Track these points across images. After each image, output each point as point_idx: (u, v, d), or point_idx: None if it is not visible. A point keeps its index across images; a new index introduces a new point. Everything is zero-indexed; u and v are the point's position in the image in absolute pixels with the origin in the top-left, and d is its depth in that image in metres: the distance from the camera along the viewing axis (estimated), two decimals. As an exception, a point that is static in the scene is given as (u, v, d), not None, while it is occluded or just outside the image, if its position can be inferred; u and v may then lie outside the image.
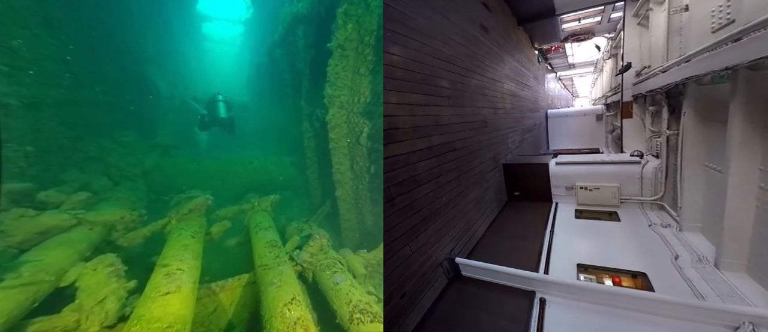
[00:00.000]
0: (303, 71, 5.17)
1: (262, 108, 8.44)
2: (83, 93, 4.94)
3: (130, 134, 5.59)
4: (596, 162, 5.55)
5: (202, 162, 5.85)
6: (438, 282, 3.48)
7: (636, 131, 6.45)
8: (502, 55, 6.56)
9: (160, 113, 7.16)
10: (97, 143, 5.00)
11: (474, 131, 4.58)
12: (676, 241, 3.93)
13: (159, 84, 7.22)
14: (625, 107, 6.59)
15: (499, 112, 5.97)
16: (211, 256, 3.81)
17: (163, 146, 6.05)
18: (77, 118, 4.79)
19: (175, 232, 3.41)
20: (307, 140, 5.29)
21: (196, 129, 7.54)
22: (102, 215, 3.51)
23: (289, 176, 6.15)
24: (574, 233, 4.67)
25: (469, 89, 4.49)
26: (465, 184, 4.22)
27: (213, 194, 4.44)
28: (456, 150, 3.87)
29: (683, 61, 3.54)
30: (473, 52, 4.76)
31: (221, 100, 7.28)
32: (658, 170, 4.84)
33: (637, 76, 6.20)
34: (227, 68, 12.69)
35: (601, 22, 8.81)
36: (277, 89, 7.12)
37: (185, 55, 9.74)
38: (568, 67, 16.97)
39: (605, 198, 5.42)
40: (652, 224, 4.52)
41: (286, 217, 4.89)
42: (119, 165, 5.03)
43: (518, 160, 6.30)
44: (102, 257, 2.84)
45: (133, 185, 4.91)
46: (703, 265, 3.28)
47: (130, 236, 3.55)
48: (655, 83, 4.55)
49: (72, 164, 4.59)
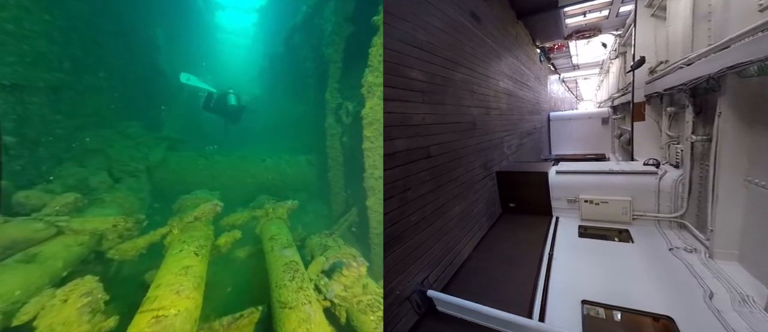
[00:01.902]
0: (330, 57, 4.38)
1: (275, 102, 7.82)
2: (85, 79, 4.36)
3: (135, 125, 4.98)
4: (603, 172, 4.79)
5: (211, 158, 5.20)
6: (404, 320, 2.78)
7: (649, 135, 5.68)
8: (498, 49, 5.84)
9: (168, 104, 6.60)
10: (98, 134, 4.45)
11: (458, 134, 3.86)
12: (706, 272, 3.17)
13: (168, 74, 6.67)
14: (637, 109, 5.83)
15: (492, 112, 5.24)
16: (217, 267, 3.22)
17: (171, 140, 5.40)
18: (77, 106, 4.23)
19: (175, 246, 2.70)
20: (331, 137, 4.47)
21: (202, 109, 7.09)
22: (91, 222, 2.88)
23: (305, 177, 5.46)
24: (578, 257, 3.92)
25: (453, 85, 3.77)
26: (445, 197, 3.50)
27: (221, 195, 4.05)
28: (431, 157, 3.15)
29: (719, 48, 2.80)
30: (459, 42, 4.05)
31: (231, 92, 7.08)
32: (679, 182, 4.07)
33: (651, 74, 5.45)
34: (238, 61, 11.88)
35: (609, 16, 8.07)
36: (293, 81, 6.46)
37: (197, 44, 9.11)
38: (572, 69, 16.19)
39: (614, 214, 4.66)
40: (673, 248, 3.75)
41: (303, 225, 4.19)
42: (122, 159, 4.46)
43: (514, 167, 5.55)
44: (78, 282, 2.16)
45: (135, 182, 4.36)
46: (750, 309, 2.52)
47: (123, 248, 2.87)
48: (676, 80, 3.80)
49: (69, 157, 4.05)
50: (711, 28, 3.41)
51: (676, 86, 3.77)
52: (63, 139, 4.02)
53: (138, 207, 3.92)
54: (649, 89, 5.27)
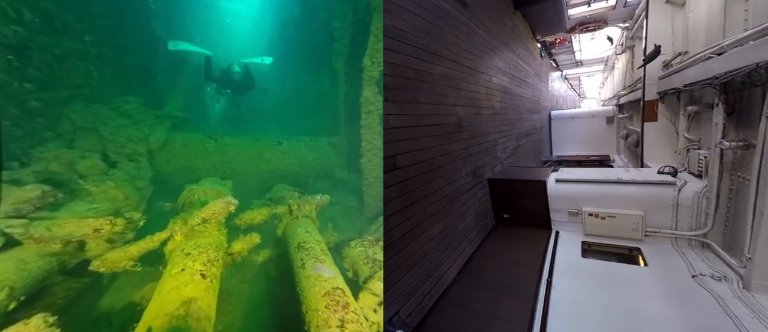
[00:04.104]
0: (372, 6, 3.48)
1: (289, 77, 7.01)
2: (66, 42, 3.69)
3: (133, 101, 4.34)
4: (611, 181, 4.15)
5: (220, 140, 4.55)
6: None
7: (662, 138, 5.02)
8: (491, 41, 5.19)
9: (170, 78, 5.91)
10: (89, 110, 3.83)
11: (438, 138, 3.23)
12: (743, 309, 2.54)
13: (168, 43, 6.01)
14: (648, 108, 5.17)
15: (483, 112, 4.61)
16: (228, 283, 2.71)
17: (174, 118, 4.74)
18: (57, 74, 3.61)
19: (176, 261, 2.05)
20: (367, 114, 3.68)
21: (204, 79, 6.53)
22: (63, 226, 2.27)
23: (328, 163, 4.78)
24: (582, 284, 3.29)
25: (430, 79, 3.14)
26: (419, 217, 2.88)
27: (233, 183, 3.62)
28: (398, 170, 2.52)
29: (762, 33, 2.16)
30: (439, 30, 3.42)
31: (235, 64, 6.53)
32: (703, 195, 3.43)
33: (666, 68, 4.79)
34: (243, 34, 10.88)
35: (616, 6, 7.38)
36: (312, 49, 5.69)
37: (195, 15, 8.37)
38: (575, 65, 15.45)
39: (624, 229, 4.02)
40: (697, 275, 3.12)
41: (333, 224, 3.57)
42: (118, 140, 3.88)
43: (508, 174, 4.91)
44: (16, 329, 1.58)
45: (134, 167, 3.79)
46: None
47: (110, 258, 2.24)
48: (702, 72, 3.15)
49: (54, 135, 3.48)
50: (749, 9, 2.75)
51: (701, 81, 3.12)
52: (41, 113, 3.36)
53: (135, 200, 3.29)
54: (663, 84, 4.61)
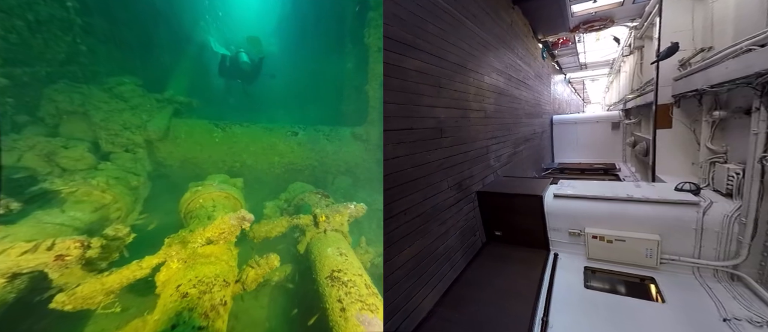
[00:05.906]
0: None
1: (302, 59, 6.38)
2: (41, 7, 3.15)
3: (129, 82, 3.81)
4: (619, 198, 3.54)
5: (228, 129, 4.05)
6: None
7: (677, 147, 4.42)
8: (484, 36, 4.63)
9: (173, 58, 5.36)
10: (77, 91, 3.34)
11: (410, 146, 2.66)
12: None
13: (170, 19, 5.44)
14: (661, 113, 4.57)
15: (472, 115, 4.03)
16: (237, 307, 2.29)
17: (177, 103, 4.21)
18: (33, 47, 3.13)
19: (166, 308, 1.55)
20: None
21: (217, 75, 6.21)
22: (9, 252, 1.74)
23: (350, 156, 4.26)
24: (585, 321, 2.71)
25: (401, 75, 2.58)
26: (385, 240, 2.30)
27: (245, 181, 3.33)
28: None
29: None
30: (416, 18, 2.85)
31: (242, 51, 6.26)
32: (735, 219, 2.82)
33: (683, 68, 4.19)
34: (249, 14, 10.02)
35: (624, 2, 6.79)
36: (331, 25, 5.13)
37: None
38: (579, 68, 14.82)
39: (635, 255, 3.41)
40: (729, 319, 2.51)
41: (366, 238, 3.09)
42: (111, 127, 3.40)
43: (499, 188, 4.32)
44: None
45: (131, 159, 3.36)
46: None
47: (81, 294, 1.69)
48: (735, 71, 2.56)
49: (30, 121, 3.06)
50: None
51: (734, 80, 2.53)
52: (10, 92, 2.87)
53: (127, 202, 2.83)
54: (680, 86, 4.01)
